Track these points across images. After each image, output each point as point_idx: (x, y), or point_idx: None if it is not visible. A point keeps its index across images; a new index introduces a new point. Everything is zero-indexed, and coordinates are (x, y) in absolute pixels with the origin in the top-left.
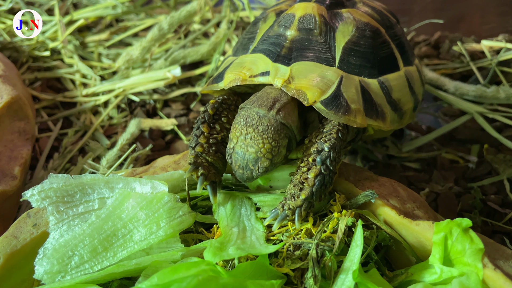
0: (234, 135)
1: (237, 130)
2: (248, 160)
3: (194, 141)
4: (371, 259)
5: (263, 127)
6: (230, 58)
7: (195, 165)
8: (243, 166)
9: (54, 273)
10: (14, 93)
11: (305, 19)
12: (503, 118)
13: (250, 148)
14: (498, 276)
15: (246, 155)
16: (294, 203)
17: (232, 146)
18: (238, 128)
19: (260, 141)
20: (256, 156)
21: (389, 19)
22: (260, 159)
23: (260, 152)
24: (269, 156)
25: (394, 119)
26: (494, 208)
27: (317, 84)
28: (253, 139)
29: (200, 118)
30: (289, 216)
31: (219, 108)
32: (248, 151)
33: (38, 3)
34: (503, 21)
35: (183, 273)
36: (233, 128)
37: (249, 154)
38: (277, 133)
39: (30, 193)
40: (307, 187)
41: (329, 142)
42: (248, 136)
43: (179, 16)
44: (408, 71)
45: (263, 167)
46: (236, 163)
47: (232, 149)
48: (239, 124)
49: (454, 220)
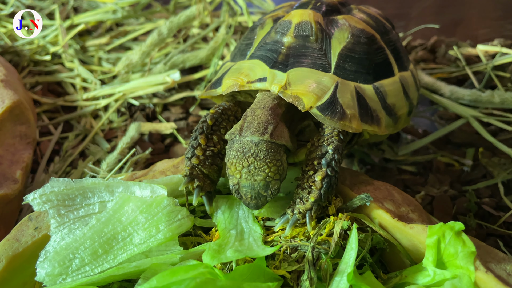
0: (235, 170)
1: (237, 165)
2: (259, 189)
3: (190, 152)
4: (366, 262)
5: (263, 153)
6: (228, 63)
7: (191, 177)
8: (255, 196)
9: (55, 276)
10: (16, 98)
11: (301, 26)
12: (497, 122)
13: (257, 176)
14: (489, 279)
15: (255, 185)
16: (304, 207)
17: (236, 181)
18: (237, 162)
19: (266, 167)
20: (265, 182)
21: (384, 25)
22: (270, 183)
23: (268, 177)
24: (277, 177)
25: (389, 124)
26: (489, 211)
27: (313, 90)
28: (257, 168)
29: (198, 128)
30: (300, 219)
31: (218, 119)
32: (256, 181)
33: (39, 7)
34: (499, 26)
35: (181, 276)
36: (230, 164)
37: (258, 183)
38: (278, 153)
39: (32, 197)
40: (315, 190)
41: (332, 144)
42: (251, 166)
43: (178, 20)
44: (402, 76)
45: (275, 189)
46: (246, 196)
47: (237, 185)
48: (236, 158)
49: (447, 224)
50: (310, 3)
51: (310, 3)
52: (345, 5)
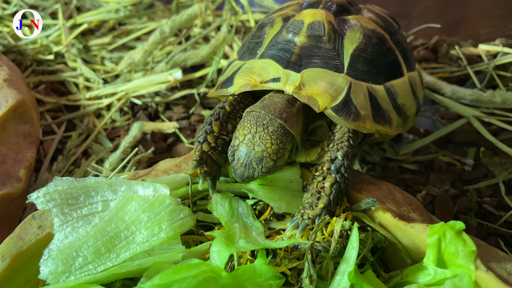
0: (242, 133)
1: (246, 128)
2: (253, 159)
3: (202, 137)
4: (367, 261)
5: (273, 127)
6: (237, 62)
7: (200, 162)
8: (246, 164)
9: (58, 274)
10: (19, 97)
11: (314, 26)
12: (499, 122)
13: (257, 147)
14: (490, 278)
15: (251, 154)
16: (313, 212)
17: (237, 143)
18: (247, 126)
19: (269, 141)
20: (262, 155)
21: (392, 25)
22: (265, 158)
23: (266, 152)
24: (274, 157)
25: (399, 124)
26: (490, 210)
27: (328, 90)
28: (262, 138)
29: (214, 114)
30: (309, 225)
31: (236, 107)
32: (254, 150)
33: (42, 7)
34: (501, 25)
35: (184, 274)
36: (240, 126)
37: (255, 153)
38: (285, 136)
39: (35, 196)
40: (325, 196)
41: (342, 150)
42: (257, 135)
43: (181, 19)
44: (411, 76)
45: (267, 167)
46: (238, 161)
47: (236, 147)
48: (248, 122)
49: (448, 223)
50: (320, 2)
51: (320, 2)
52: (353, 5)
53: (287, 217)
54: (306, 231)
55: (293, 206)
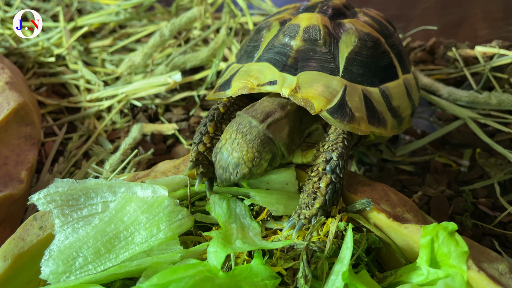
0: (225, 136)
1: (228, 133)
2: (230, 163)
3: (198, 139)
4: (362, 261)
5: (251, 136)
6: (235, 65)
7: (196, 163)
8: (224, 167)
9: (59, 274)
10: (21, 99)
11: (310, 29)
12: (494, 123)
13: (235, 152)
14: (482, 278)
15: (229, 158)
16: (309, 212)
17: (220, 146)
18: (229, 131)
19: (245, 149)
20: (237, 162)
21: (387, 29)
22: (241, 165)
23: (242, 159)
24: (249, 165)
25: (394, 126)
26: (485, 211)
27: (323, 93)
28: (239, 145)
29: (209, 115)
30: (306, 224)
31: (230, 108)
32: (232, 155)
33: (43, 9)
34: (497, 27)
35: (181, 274)
36: (225, 130)
37: (232, 158)
38: (262, 146)
39: (37, 197)
40: (320, 196)
41: (337, 151)
42: (236, 141)
43: (180, 22)
44: (406, 79)
45: (241, 174)
46: (219, 163)
47: (219, 149)
48: (231, 127)
49: (441, 224)
50: (316, 6)
51: (316, 6)
52: (349, 8)
53: (284, 217)
54: (302, 231)
55: (290, 208)
